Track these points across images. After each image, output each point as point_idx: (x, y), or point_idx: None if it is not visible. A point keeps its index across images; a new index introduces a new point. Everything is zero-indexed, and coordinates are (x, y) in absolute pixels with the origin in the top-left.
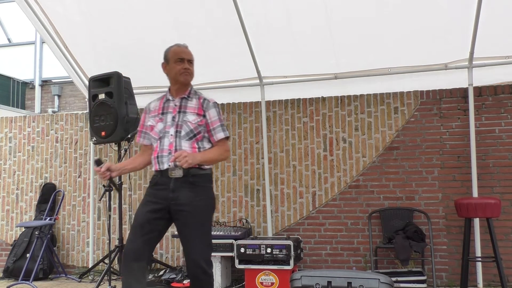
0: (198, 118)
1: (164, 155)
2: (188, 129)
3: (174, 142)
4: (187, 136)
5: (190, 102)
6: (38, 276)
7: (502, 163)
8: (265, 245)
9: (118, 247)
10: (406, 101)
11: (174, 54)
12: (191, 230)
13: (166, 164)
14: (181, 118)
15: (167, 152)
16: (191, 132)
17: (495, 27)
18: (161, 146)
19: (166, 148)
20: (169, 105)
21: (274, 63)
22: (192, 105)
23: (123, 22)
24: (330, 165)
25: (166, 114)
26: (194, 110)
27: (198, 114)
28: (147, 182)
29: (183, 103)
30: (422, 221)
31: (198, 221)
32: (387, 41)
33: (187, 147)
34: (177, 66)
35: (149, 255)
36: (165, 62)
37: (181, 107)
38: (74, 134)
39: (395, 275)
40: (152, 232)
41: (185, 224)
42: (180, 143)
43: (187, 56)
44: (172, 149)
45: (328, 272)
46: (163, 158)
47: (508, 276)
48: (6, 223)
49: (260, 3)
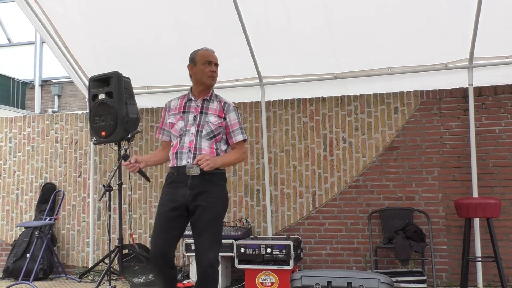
0: (219, 120)
1: (183, 151)
2: (209, 129)
3: (194, 141)
4: (208, 136)
5: (212, 104)
6: (38, 276)
7: (502, 163)
8: (265, 245)
9: (118, 247)
10: (406, 101)
11: (202, 56)
12: (204, 224)
13: (185, 160)
14: (203, 118)
15: (187, 150)
16: (212, 133)
17: (495, 27)
18: (181, 143)
19: (186, 146)
20: (191, 105)
21: (274, 63)
22: (213, 107)
23: (123, 22)
24: (330, 165)
25: (188, 113)
26: (215, 112)
27: (219, 116)
28: (147, 182)
29: (205, 104)
30: (422, 221)
31: (212, 216)
32: (387, 41)
33: (206, 146)
34: (205, 68)
35: (174, 252)
36: (191, 64)
37: (203, 108)
38: (74, 134)
39: (395, 275)
40: (174, 230)
41: (199, 218)
42: (200, 142)
43: (215, 60)
44: (192, 146)
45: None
46: (182, 154)
47: (508, 276)
48: (6, 223)
49: (260, 3)
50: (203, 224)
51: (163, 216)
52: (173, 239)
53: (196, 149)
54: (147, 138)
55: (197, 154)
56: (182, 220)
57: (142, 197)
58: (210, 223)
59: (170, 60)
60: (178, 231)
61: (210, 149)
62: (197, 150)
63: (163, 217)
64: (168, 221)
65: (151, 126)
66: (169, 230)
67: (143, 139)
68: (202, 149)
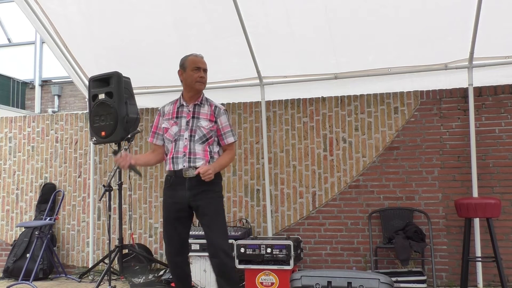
0: (210, 124)
1: (179, 156)
2: (201, 133)
3: (188, 145)
4: (200, 140)
5: (203, 108)
6: (38, 276)
7: (502, 163)
8: (265, 245)
9: (118, 247)
10: (406, 101)
11: (192, 62)
12: (210, 218)
13: (181, 164)
14: (195, 123)
15: (182, 154)
16: (204, 137)
17: (495, 27)
18: (176, 148)
19: (181, 150)
20: (183, 110)
21: (274, 63)
22: (204, 111)
23: (124, 22)
24: (330, 165)
25: (180, 118)
26: (206, 116)
27: (210, 120)
28: (147, 182)
29: (196, 109)
30: (422, 221)
31: (214, 210)
32: (387, 41)
33: (200, 150)
34: (194, 74)
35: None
36: (181, 70)
37: (195, 113)
38: (74, 134)
39: (395, 275)
40: (183, 229)
41: (203, 214)
42: (194, 146)
43: (203, 65)
44: (187, 151)
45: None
46: (178, 159)
47: (508, 276)
48: (6, 223)
49: (260, 3)
50: (209, 219)
51: (171, 219)
52: (185, 236)
53: (191, 153)
54: (147, 138)
55: (192, 158)
56: (187, 219)
57: (142, 197)
58: (214, 217)
59: (170, 60)
60: (187, 229)
61: (204, 152)
62: (192, 154)
63: (172, 220)
64: (177, 222)
65: (151, 126)
66: (180, 230)
67: (143, 139)
68: (196, 153)
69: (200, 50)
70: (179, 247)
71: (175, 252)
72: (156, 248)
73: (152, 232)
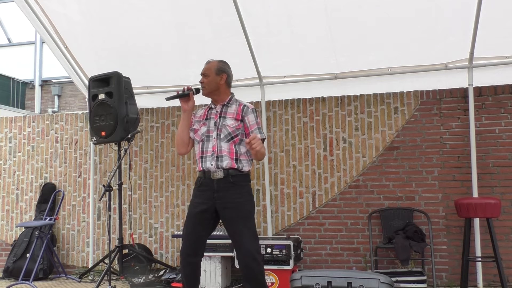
0: (236, 123)
1: (208, 155)
2: (226, 131)
3: (216, 144)
4: (226, 138)
5: (230, 108)
6: (38, 276)
7: (502, 163)
8: (265, 245)
9: (118, 247)
10: (406, 101)
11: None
12: (238, 224)
13: (208, 163)
14: (221, 122)
15: (210, 153)
16: (229, 135)
17: (495, 27)
18: (205, 147)
19: (210, 150)
20: (212, 112)
21: (274, 63)
22: (231, 111)
23: (124, 22)
24: (330, 165)
25: (209, 120)
26: (232, 115)
27: (236, 119)
28: (147, 182)
29: (224, 109)
30: (422, 221)
31: (243, 215)
32: (387, 41)
33: (225, 148)
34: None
35: (202, 251)
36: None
37: (222, 113)
38: (74, 134)
39: (395, 275)
40: (203, 230)
41: (231, 219)
42: (220, 145)
43: (203, 71)
44: (215, 150)
45: (328, 272)
46: (206, 158)
47: (508, 276)
48: (6, 223)
49: (260, 3)
50: (236, 225)
51: (193, 216)
52: (203, 238)
53: (218, 151)
54: (147, 138)
55: (219, 156)
56: (211, 222)
57: (142, 197)
58: (243, 223)
59: (170, 60)
60: (208, 231)
61: (229, 150)
62: (218, 152)
63: (193, 218)
64: (199, 222)
65: (151, 126)
66: (200, 231)
67: (143, 139)
68: (222, 151)
69: (200, 50)
70: (192, 247)
71: (187, 250)
72: (156, 248)
73: (152, 232)
